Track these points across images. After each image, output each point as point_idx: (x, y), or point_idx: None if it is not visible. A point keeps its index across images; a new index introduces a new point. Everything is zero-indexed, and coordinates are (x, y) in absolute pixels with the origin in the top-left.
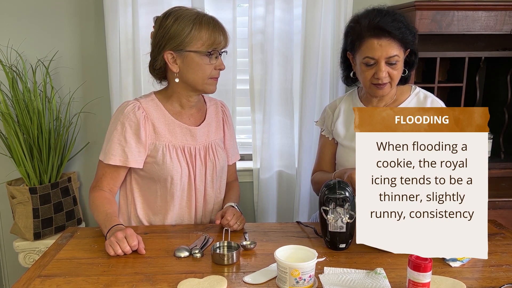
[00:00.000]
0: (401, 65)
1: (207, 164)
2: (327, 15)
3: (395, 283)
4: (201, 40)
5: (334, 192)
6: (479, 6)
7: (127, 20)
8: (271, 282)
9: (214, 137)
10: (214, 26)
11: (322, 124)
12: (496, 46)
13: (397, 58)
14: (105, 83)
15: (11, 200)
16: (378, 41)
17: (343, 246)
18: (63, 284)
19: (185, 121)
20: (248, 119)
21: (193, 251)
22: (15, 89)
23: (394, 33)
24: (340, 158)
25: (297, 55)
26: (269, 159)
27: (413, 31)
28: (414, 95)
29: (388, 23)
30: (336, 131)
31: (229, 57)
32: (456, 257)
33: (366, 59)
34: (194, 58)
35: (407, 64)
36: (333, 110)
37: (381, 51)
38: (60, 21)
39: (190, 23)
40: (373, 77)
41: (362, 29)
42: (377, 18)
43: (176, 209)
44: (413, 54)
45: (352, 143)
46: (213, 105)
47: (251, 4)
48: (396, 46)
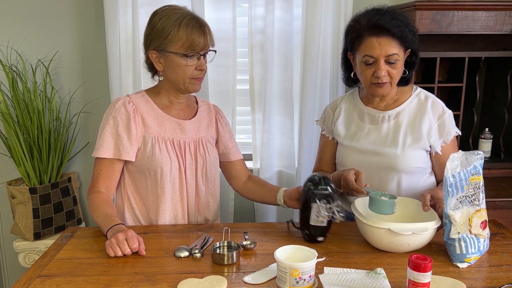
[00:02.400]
0: (401, 65)
1: (198, 158)
2: (327, 15)
3: (395, 283)
4: (180, 42)
5: (317, 188)
6: (479, 6)
7: (127, 20)
8: (271, 282)
9: (204, 134)
10: (193, 28)
11: (322, 124)
12: (496, 46)
13: (396, 56)
14: (105, 83)
15: (11, 200)
16: (377, 39)
17: (321, 239)
18: (63, 284)
19: (174, 114)
20: (248, 119)
21: (193, 251)
22: (15, 89)
23: (393, 31)
24: (340, 158)
25: (297, 55)
26: (269, 159)
27: (413, 31)
28: (415, 95)
29: (387, 21)
30: (337, 130)
31: (229, 57)
32: (464, 259)
33: (365, 58)
34: (174, 59)
35: (407, 65)
36: (334, 110)
37: (380, 49)
38: (60, 21)
39: (171, 23)
40: (372, 76)
41: (361, 28)
42: (376, 16)
43: (169, 203)
44: (414, 54)
45: (352, 143)
46: (205, 105)
47: (251, 4)
48: (395, 44)
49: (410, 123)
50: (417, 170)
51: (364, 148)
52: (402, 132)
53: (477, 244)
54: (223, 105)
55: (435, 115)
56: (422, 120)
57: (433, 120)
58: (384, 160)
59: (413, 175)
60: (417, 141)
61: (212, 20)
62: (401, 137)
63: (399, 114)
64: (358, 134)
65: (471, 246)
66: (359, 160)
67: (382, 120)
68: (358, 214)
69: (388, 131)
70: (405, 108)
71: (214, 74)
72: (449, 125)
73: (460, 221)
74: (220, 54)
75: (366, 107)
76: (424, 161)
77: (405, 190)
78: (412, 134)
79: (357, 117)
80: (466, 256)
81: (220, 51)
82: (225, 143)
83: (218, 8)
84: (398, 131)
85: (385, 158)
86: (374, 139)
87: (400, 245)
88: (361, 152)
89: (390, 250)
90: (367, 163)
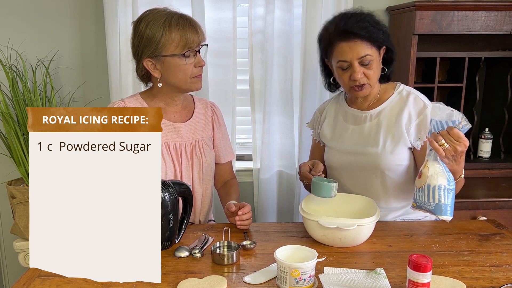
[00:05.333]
0: (377, 64)
1: (194, 161)
2: (327, 15)
3: (395, 283)
4: (174, 43)
5: None
6: (479, 6)
7: (127, 20)
8: (271, 282)
9: (201, 135)
10: (184, 26)
11: (312, 126)
12: (496, 46)
13: (369, 57)
14: (105, 83)
15: (11, 200)
16: (347, 44)
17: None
18: (63, 284)
19: (170, 118)
20: (248, 119)
21: (193, 251)
22: (15, 89)
23: (360, 33)
24: (328, 159)
25: (297, 55)
26: (269, 159)
27: (383, 29)
28: (397, 93)
29: (352, 25)
30: (323, 132)
31: (229, 57)
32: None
33: (339, 63)
34: (172, 62)
35: (385, 62)
36: (321, 112)
37: (351, 53)
38: (60, 21)
39: (160, 27)
40: (350, 79)
41: (330, 35)
42: (342, 22)
43: None
44: (390, 51)
45: (338, 144)
46: (202, 105)
47: (251, 4)
48: (366, 45)
49: (391, 121)
50: (401, 167)
51: (348, 149)
52: (383, 130)
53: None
54: (223, 105)
55: (416, 110)
56: (402, 116)
57: (413, 116)
58: (367, 160)
59: (397, 172)
60: (398, 139)
61: (212, 20)
62: (382, 136)
63: (380, 112)
64: (343, 136)
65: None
66: (344, 161)
67: (364, 120)
68: (300, 207)
69: (370, 131)
70: (386, 106)
71: (214, 74)
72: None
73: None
74: (220, 54)
75: (350, 108)
76: (407, 158)
77: (391, 188)
78: (392, 132)
79: (341, 119)
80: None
81: (220, 51)
82: (218, 145)
83: (218, 8)
84: (379, 130)
85: (368, 158)
86: (357, 139)
87: (332, 238)
88: (345, 153)
89: (326, 243)
90: (351, 163)
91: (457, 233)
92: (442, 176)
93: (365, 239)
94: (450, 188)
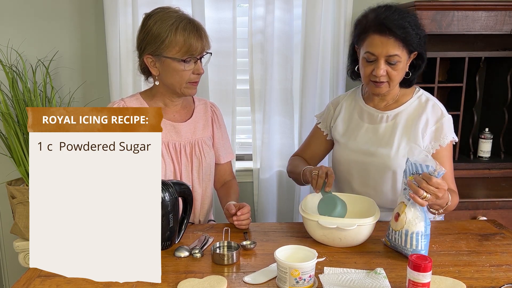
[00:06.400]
0: (403, 67)
1: (193, 160)
2: (327, 15)
3: (395, 283)
4: (177, 47)
5: None
6: (479, 6)
7: (127, 20)
8: (271, 282)
9: (201, 135)
10: (190, 32)
11: (320, 117)
12: (496, 46)
13: (397, 58)
14: (105, 83)
15: (11, 200)
16: (380, 38)
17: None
18: (63, 284)
19: (170, 117)
20: (248, 119)
21: (193, 251)
22: (15, 89)
23: (396, 32)
24: (337, 156)
25: (297, 55)
26: (269, 159)
27: (421, 34)
28: (416, 97)
29: (393, 21)
30: (336, 127)
31: (229, 57)
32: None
33: (367, 54)
34: (171, 64)
35: (412, 67)
36: (335, 107)
37: (381, 48)
38: (60, 21)
39: (167, 28)
40: (371, 73)
41: (368, 24)
42: (384, 14)
43: None
44: (421, 58)
45: (350, 141)
46: (202, 105)
47: (251, 4)
48: (398, 45)
49: (407, 125)
50: None
51: (360, 148)
52: (399, 133)
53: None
54: (223, 105)
55: (434, 118)
56: (419, 121)
57: (430, 123)
58: (378, 160)
59: None
60: (413, 143)
61: (212, 20)
62: (397, 138)
63: (397, 115)
64: (356, 132)
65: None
66: (353, 160)
67: (381, 120)
68: (300, 208)
69: (385, 132)
70: (404, 109)
71: (214, 74)
72: (446, 130)
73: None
74: (220, 54)
75: (367, 105)
76: None
77: (401, 190)
78: (408, 136)
79: (357, 115)
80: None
81: (220, 51)
82: (217, 145)
83: (218, 8)
84: (395, 132)
85: (379, 159)
86: (371, 138)
87: (332, 238)
88: (356, 151)
89: (326, 243)
90: (361, 163)
91: (457, 233)
92: (421, 222)
93: (365, 239)
94: (426, 234)
